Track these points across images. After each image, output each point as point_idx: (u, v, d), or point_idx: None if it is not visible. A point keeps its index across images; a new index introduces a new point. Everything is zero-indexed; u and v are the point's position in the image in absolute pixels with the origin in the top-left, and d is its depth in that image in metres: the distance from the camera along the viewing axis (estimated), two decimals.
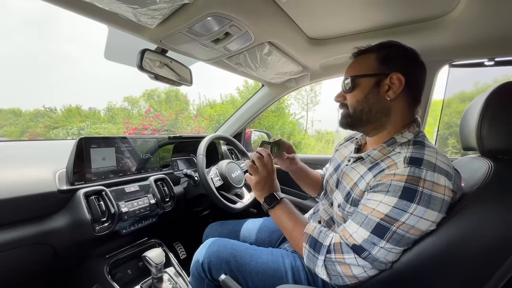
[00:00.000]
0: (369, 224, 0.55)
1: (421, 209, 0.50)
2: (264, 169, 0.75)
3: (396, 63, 0.66)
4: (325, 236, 0.62)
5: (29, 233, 0.80)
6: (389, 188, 0.54)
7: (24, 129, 8.53)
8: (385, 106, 0.66)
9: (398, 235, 0.52)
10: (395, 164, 0.57)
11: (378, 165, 0.63)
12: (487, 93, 0.58)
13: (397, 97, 0.65)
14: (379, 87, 0.66)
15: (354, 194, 0.64)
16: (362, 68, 0.69)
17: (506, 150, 0.57)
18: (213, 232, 1.11)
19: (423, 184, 0.51)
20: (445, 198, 0.51)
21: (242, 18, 0.77)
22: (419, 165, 0.54)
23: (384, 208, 0.53)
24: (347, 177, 0.71)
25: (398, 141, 0.64)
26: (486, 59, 1.05)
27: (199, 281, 0.85)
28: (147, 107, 9.16)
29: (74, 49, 35.20)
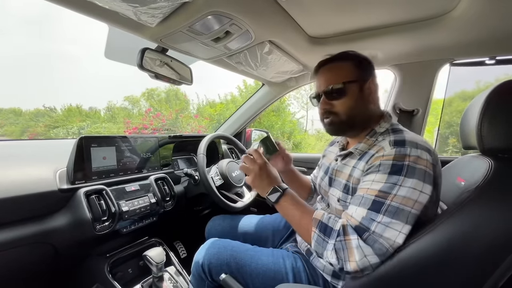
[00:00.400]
0: (366, 203, 0.59)
1: (408, 180, 0.56)
2: (254, 165, 0.74)
3: (369, 70, 0.75)
4: (335, 222, 0.63)
5: (29, 232, 0.80)
6: (380, 168, 0.60)
7: (25, 128, 8.53)
8: (369, 108, 0.74)
9: (393, 207, 0.56)
10: (383, 148, 0.64)
11: (367, 153, 0.69)
12: (488, 92, 0.58)
13: (374, 101, 0.75)
14: (363, 92, 0.73)
15: (351, 184, 0.69)
16: (344, 75, 0.73)
17: (506, 149, 0.57)
18: (215, 226, 1.12)
19: (408, 159, 0.58)
20: (427, 170, 0.57)
21: (242, 17, 0.77)
22: (403, 145, 0.61)
23: (377, 185, 0.59)
24: (340, 173, 0.75)
25: (378, 131, 0.72)
26: (487, 57, 1.05)
27: (200, 281, 0.85)
28: (147, 106, 9.16)
29: (75, 48, 35.23)
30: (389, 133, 0.69)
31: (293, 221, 0.70)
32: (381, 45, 1.07)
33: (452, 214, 0.51)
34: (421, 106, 1.21)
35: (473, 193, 0.51)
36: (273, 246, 0.99)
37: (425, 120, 1.23)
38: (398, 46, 1.07)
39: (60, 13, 48.63)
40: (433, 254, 0.50)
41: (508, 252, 0.45)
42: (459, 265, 0.49)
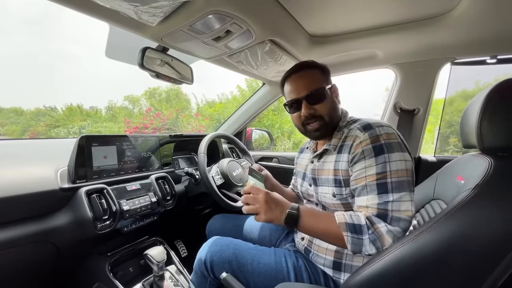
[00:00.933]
0: (372, 189, 0.64)
1: (391, 155, 0.64)
2: (257, 201, 0.70)
3: (329, 76, 0.83)
4: (357, 217, 0.64)
5: (31, 231, 0.80)
6: (364, 154, 0.67)
7: (26, 127, 8.54)
8: (338, 109, 0.82)
9: (395, 183, 0.62)
10: (356, 136, 0.70)
11: (344, 145, 0.75)
12: (487, 90, 0.58)
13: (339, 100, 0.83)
14: (332, 95, 0.80)
15: (342, 176, 0.73)
16: (319, 80, 0.79)
17: (506, 147, 0.57)
18: (216, 224, 1.13)
19: (382, 138, 0.66)
20: (399, 141, 0.67)
21: (243, 16, 0.77)
22: (371, 127, 0.69)
23: (371, 170, 0.65)
24: (323, 171, 0.79)
25: (342, 125, 0.80)
26: (488, 56, 1.05)
27: (202, 279, 0.85)
28: (148, 106, 9.16)
29: (75, 48, 35.24)
30: (351, 123, 0.77)
31: (320, 234, 0.69)
32: (382, 44, 1.07)
33: (451, 212, 0.51)
34: (422, 106, 1.21)
35: (472, 192, 0.51)
36: (271, 245, 0.99)
37: (426, 120, 1.23)
38: (399, 45, 1.07)
39: (61, 13, 48.64)
40: (433, 253, 0.50)
41: (507, 251, 0.46)
42: (458, 263, 0.49)
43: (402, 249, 0.53)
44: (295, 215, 0.68)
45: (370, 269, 0.56)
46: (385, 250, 0.57)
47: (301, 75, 0.80)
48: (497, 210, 0.48)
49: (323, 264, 0.76)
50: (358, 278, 0.57)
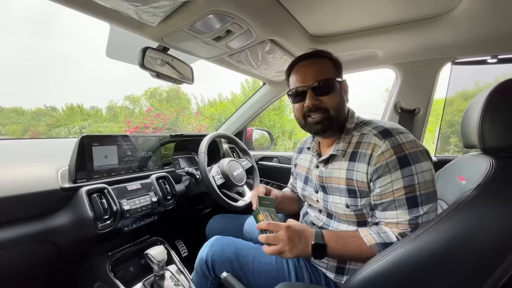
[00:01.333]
0: (401, 203, 0.61)
1: (417, 165, 0.60)
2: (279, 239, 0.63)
3: (341, 70, 0.78)
4: (386, 234, 0.62)
5: (32, 231, 0.80)
6: (389, 166, 0.62)
7: (26, 127, 8.55)
8: (346, 106, 0.77)
9: (424, 195, 0.60)
10: (375, 145, 0.65)
11: (358, 153, 0.69)
12: (488, 90, 0.58)
13: (347, 97, 0.78)
14: (341, 90, 0.75)
15: (357, 187, 0.68)
16: (329, 72, 0.73)
17: (507, 148, 0.56)
18: (216, 224, 1.13)
19: (405, 147, 0.62)
20: (421, 148, 0.63)
21: (243, 16, 0.77)
22: (390, 134, 0.64)
23: (398, 183, 0.61)
24: (332, 178, 0.74)
25: (349, 127, 0.74)
26: (489, 56, 1.05)
27: (203, 278, 0.85)
28: (148, 105, 9.17)
29: (76, 47, 35.30)
30: (362, 127, 0.72)
31: (352, 257, 0.66)
32: (383, 44, 1.07)
33: (452, 213, 0.51)
34: (422, 105, 1.21)
35: (473, 192, 0.51)
36: None
37: (426, 120, 1.23)
38: (400, 44, 1.07)
39: (62, 12, 48.72)
40: (434, 252, 0.50)
41: (508, 252, 0.45)
42: (459, 264, 0.49)
43: (403, 249, 0.53)
44: (321, 245, 0.63)
45: (370, 269, 0.56)
46: (386, 250, 0.56)
47: (311, 63, 0.74)
48: (498, 210, 0.48)
49: (325, 268, 0.75)
50: (359, 277, 0.57)
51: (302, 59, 0.76)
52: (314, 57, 0.75)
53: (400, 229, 0.61)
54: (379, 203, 0.65)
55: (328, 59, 0.75)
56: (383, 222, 0.65)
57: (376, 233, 0.63)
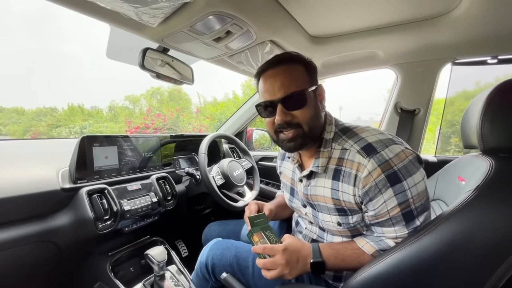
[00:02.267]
0: (398, 220, 0.58)
1: (409, 179, 0.56)
2: (275, 264, 0.60)
3: (315, 75, 0.69)
4: (384, 242, 0.61)
5: (32, 231, 0.80)
6: (379, 187, 0.57)
7: (27, 127, 8.56)
8: (322, 116, 0.69)
9: (419, 207, 0.57)
10: (360, 164, 0.60)
11: (342, 172, 0.63)
12: (489, 91, 0.58)
13: (324, 105, 0.70)
14: (316, 99, 0.67)
15: (346, 207, 0.65)
16: (301, 80, 0.65)
17: (507, 148, 0.56)
18: (211, 232, 1.11)
19: (392, 163, 0.56)
20: (410, 158, 0.58)
21: (243, 17, 0.77)
22: (375, 151, 0.58)
23: (392, 202, 0.57)
24: (317, 197, 0.70)
25: (328, 138, 0.67)
26: (489, 57, 1.04)
27: (204, 282, 0.85)
28: (148, 106, 9.18)
29: (77, 48, 35.38)
30: (342, 139, 0.66)
31: (352, 269, 0.63)
32: (383, 44, 1.07)
33: (452, 214, 0.51)
34: (422, 106, 1.21)
35: (473, 193, 0.51)
36: None
37: (427, 120, 1.23)
38: (400, 45, 1.06)
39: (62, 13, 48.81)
40: (434, 254, 0.50)
41: (508, 252, 0.45)
42: (459, 265, 0.48)
43: (403, 250, 0.53)
44: (320, 264, 0.61)
45: (370, 271, 0.56)
46: (386, 252, 0.56)
47: (279, 71, 0.65)
48: (498, 211, 0.48)
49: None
50: (358, 279, 0.57)
51: (270, 65, 0.66)
52: (283, 63, 0.65)
53: (399, 240, 0.59)
54: (374, 222, 0.62)
55: (299, 64, 0.66)
56: (382, 236, 0.62)
57: (375, 242, 0.63)
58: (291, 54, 0.68)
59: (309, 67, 0.68)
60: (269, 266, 0.61)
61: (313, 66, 0.69)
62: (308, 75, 0.66)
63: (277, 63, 0.66)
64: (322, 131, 0.69)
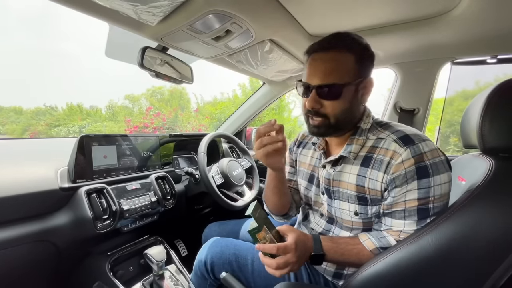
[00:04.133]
0: (412, 214, 0.58)
1: (436, 177, 0.56)
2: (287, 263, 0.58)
3: (369, 65, 0.67)
4: (385, 239, 0.61)
5: (31, 231, 0.80)
6: (407, 176, 0.57)
7: (26, 127, 8.53)
8: (359, 110, 0.68)
9: (437, 208, 0.56)
10: (395, 152, 0.59)
11: (373, 159, 0.63)
12: (488, 90, 0.58)
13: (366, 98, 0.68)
14: (357, 93, 0.65)
15: (369, 195, 0.64)
16: (345, 72, 0.62)
17: (507, 148, 0.56)
18: (211, 232, 1.11)
19: (426, 157, 0.57)
20: (442, 158, 0.58)
21: (243, 16, 0.76)
22: (412, 142, 0.58)
23: (412, 194, 0.57)
24: (340, 183, 0.68)
25: (364, 128, 0.67)
26: (489, 56, 1.05)
27: (202, 280, 0.85)
28: (148, 105, 9.16)
29: (76, 47, 35.30)
30: (379, 130, 0.66)
31: (351, 264, 0.65)
32: (382, 44, 1.07)
33: (452, 213, 0.51)
34: (422, 105, 1.21)
35: (473, 193, 0.51)
36: None
37: (426, 119, 1.23)
38: (399, 44, 1.06)
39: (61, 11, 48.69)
40: (434, 254, 0.50)
41: (508, 252, 0.45)
42: (459, 264, 0.49)
43: (403, 250, 0.53)
44: (320, 256, 0.62)
45: (370, 270, 0.56)
46: (386, 251, 0.56)
47: (326, 58, 0.63)
48: (498, 211, 0.48)
49: (323, 271, 0.75)
50: (358, 278, 0.57)
51: (321, 48, 0.64)
52: (334, 49, 0.62)
53: (401, 238, 0.59)
54: (388, 212, 0.61)
55: (351, 53, 0.62)
56: (389, 231, 0.62)
57: (376, 238, 0.62)
58: (347, 38, 0.64)
59: (363, 56, 0.64)
60: (282, 267, 0.58)
61: (368, 54, 0.66)
62: (359, 65, 0.63)
63: (328, 48, 0.63)
64: (359, 121, 0.68)
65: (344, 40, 0.64)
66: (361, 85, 0.65)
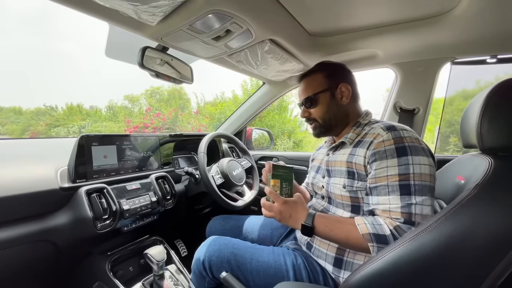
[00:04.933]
0: (394, 189, 0.63)
1: (415, 157, 0.63)
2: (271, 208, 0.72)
3: (338, 75, 0.86)
4: (380, 226, 0.62)
5: (31, 231, 0.80)
6: (386, 153, 0.66)
7: (26, 127, 8.53)
8: (344, 109, 0.84)
9: (418, 186, 0.62)
10: (378, 134, 0.70)
11: (362, 141, 0.75)
12: (488, 90, 0.58)
13: (350, 100, 0.84)
14: (335, 97, 0.83)
15: (356, 169, 0.73)
16: (316, 86, 0.84)
17: (506, 147, 0.56)
18: (216, 225, 1.13)
19: (406, 140, 0.66)
20: (424, 146, 0.66)
21: (243, 15, 0.76)
22: (395, 129, 0.69)
23: (393, 170, 0.64)
24: (335, 162, 0.81)
25: (362, 123, 0.82)
26: (489, 56, 1.05)
27: (201, 279, 0.86)
28: (147, 105, 9.16)
29: (76, 47, 35.29)
30: (374, 124, 0.78)
31: (340, 242, 0.69)
32: (382, 44, 1.07)
33: (451, 212, 0.51)
34: (422, 105, 1.21)
35: (472, 192, 0.51)
36: (272, 244, 0.99)
37: (426, 119, 1.23)
38: (399, 44, 1.06)
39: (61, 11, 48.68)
40: (432, 252, 0.50)
41: (506, 251, 0.46)
42: (457, 263, 0.49)
43: (402, 248, 0.53)
44: (309, 228, 0.68)
45: (369, 268, 0.56)
46: (385, 249, 0.57)
47: (305, 81, 0.88)
48: (497, 210, 0.48)
49: (325, 259, 0.76)
50: (357, 276, 0.57)
51: (303, 77, 0.90)
52: (308, 75, 0.89)
53: (393, 218, 0.62)
54: (373, 186, 0.68)
55: (320, 72, 0.86)
56: (377, 209, 0.66)
57: (371, 224, 0.64)
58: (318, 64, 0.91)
59: (330, 72, 0.85)
60: (266, 207, 0.73)
61: (336, 70, 0.87)
62: (327, 80, 0.84)
63: (305, 74, 0.90)
64: (355, 118, 0.84)
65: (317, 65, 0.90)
66: (336, 92, 0.83)
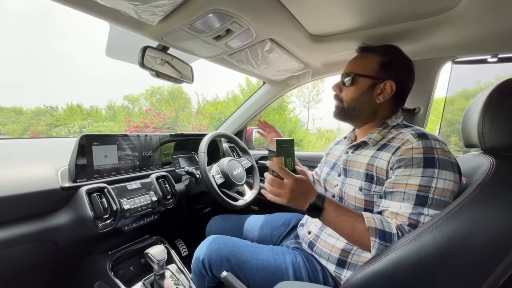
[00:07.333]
0: (410, 198, 0.60)
1: (442, 172, 0.59)
2: (281, 186, 0.63)
3: (394, 71, 0.75)
4: (388, 224, 0.60)
5: (32, 230, 0.80)
6: (413, 162, 0.62)
7: (26, 127, 8.55)
8: (374, 106, 0.77)
9: (436, 200, 0.58)
10: (408, 141, 0.65)
11: (388, 145, 0.70)
12: (489, 90, 0.58)
13: (386, 100, 0.76)
14: (373, 90, 0.75)
15: (376, 173, 0.69)
16: (364, 67, 0.76)
17: (508, 147, 0.56)
18: (216, 224, 1.13)
19: (436, 152, 0.61)
20: (453, 161, 0.61)
21: (243, 15, 0.76)
22: (427, 138, 0.64)
23: (415, 179, 0.60)
24: (355, 163, 0.76)
25: (390, 124, 0.76)
26: (489, 55, 1.04)
27: (200, 277, 0.86)
28: (148, 105, 9.16)
29: (76, 47, 35.31)
30: (403, 128, 0.73)
31: (341, 231, 0.65)
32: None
33: (453, 212, 0.51)
34: (422, 105, 1.21)
35: (474, 191, 0.51)
36: (273, 243, 1.00)
37: (427, 119, 1.23)
38: (399, 44, 1.05)
39: (61, 11, 48.71)
40: (434, 251, 0.50)
41: (508, 251, 0.45)
42: (459, 263, 0.49)
43: (403, 248, 0.53)
44: (318, 208, 0.63)
45: (371, 268, 0.56)
46: (387, 249, 0.56)
47: (359, 56, 0.81)
48: (498, 210, 0.48)
49: (327, 259, 0.75)
50: (359, 276, 0.57)
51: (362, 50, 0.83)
52: (365, 50, 0.81)
53: (399, 220, 0.60)
54: (389, 191, 0.64)
55: (377, 55, 0.76)
56: (385, 211, 0.64)
57: (379, 219, 0.61)
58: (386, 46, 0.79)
59: (389, 63, 0.75)
60: (276, 185, 0.63)
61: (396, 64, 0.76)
62: (379, 68, 0.75)
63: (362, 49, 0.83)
64: (382, 118, 0.78)
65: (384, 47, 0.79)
66: (378, 84, 0.75)
